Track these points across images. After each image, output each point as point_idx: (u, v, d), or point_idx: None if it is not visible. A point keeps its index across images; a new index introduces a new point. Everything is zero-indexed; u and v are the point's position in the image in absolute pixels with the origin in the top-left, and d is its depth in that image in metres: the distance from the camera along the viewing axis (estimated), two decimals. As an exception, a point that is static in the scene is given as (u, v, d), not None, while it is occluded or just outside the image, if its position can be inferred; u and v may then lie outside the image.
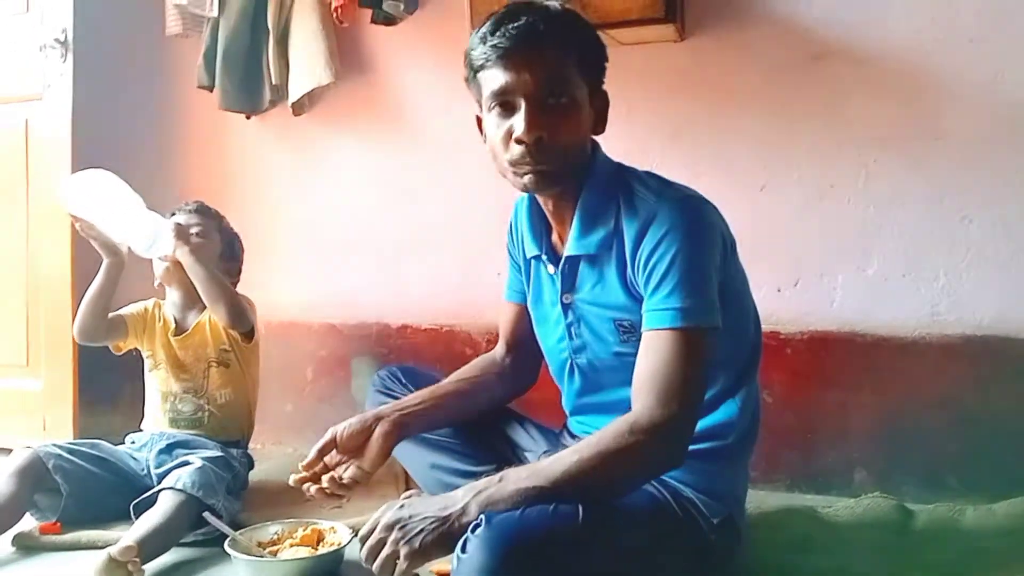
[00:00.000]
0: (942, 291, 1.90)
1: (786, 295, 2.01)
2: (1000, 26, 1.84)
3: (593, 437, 1.19)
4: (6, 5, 2.55)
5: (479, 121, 1.37)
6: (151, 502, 1.66)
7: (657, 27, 1.96)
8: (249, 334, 2.02)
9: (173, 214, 2.06)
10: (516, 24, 1.23)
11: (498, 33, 1.24)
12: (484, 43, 1.26)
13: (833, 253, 1.99)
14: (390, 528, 1.15)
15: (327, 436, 1.42)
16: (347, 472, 1.37)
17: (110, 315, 2.02)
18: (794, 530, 1.61)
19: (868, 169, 1.96)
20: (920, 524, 1.63)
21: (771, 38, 2.01)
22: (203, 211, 2.09)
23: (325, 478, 1.37)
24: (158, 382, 2.03)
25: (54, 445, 1.81)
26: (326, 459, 1.41)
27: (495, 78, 1.25)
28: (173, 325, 2.05)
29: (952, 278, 1.90)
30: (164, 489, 1.67)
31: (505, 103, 1.26)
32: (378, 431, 1.40)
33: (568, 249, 1.36)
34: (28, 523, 1.74)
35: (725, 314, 1.27)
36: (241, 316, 1.96)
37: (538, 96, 1.23)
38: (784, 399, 1.96)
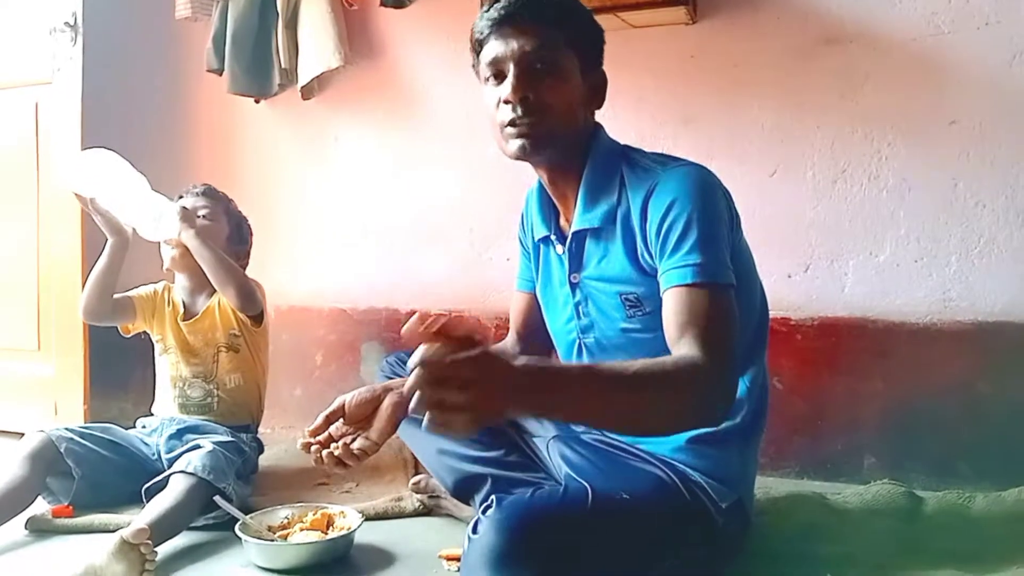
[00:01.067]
0: (954, 277, 1.89)
1: (796, 280, 2.01)
2: (1015, 9, 1.82)
3: (648, 364, 1.09)
4: (15, -12, 2.55)
5: None
6: (162, 486, 1.67)
7: (669, 9, 1.95)
8: (258, 318, 2.02)
9: (180, 197, 2.05)
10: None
11: (494, 7, 1.33)
12: (482, 17, 1.35)
13: (845, 239, 1.98)
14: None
15: (335, 404, 1.41)
16: (356, 443, 1.36)
17: (118, 296, 2.03)
18: (803, 517, 1.61)
19: (881, 154, 1.94)
20: (929, 511, 1.63)
21: (784, 21, 2.00)
22: (210, 194, 2.07)
23: (335, 445, 1.36)
24: (168, 366, 2.03)
25: (66, 429, 1.82)
26: (332, 430, 1.39)
27: (491, 50, 1.33)
28: (182, 310, 2.05)
29: (964, 264, 1.89)
30: (175, 473, 1.68)
31: (499, 72, 1.32)
32: (387, 401, 1.40)
33: (574, 225, 1.38)
34: (40, 506, 1.75)
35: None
36: (251, 298, 1.96)
37: (525, 61, 1.30)
38: (794, 385, 1.96)
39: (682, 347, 1.15)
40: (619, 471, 1.33)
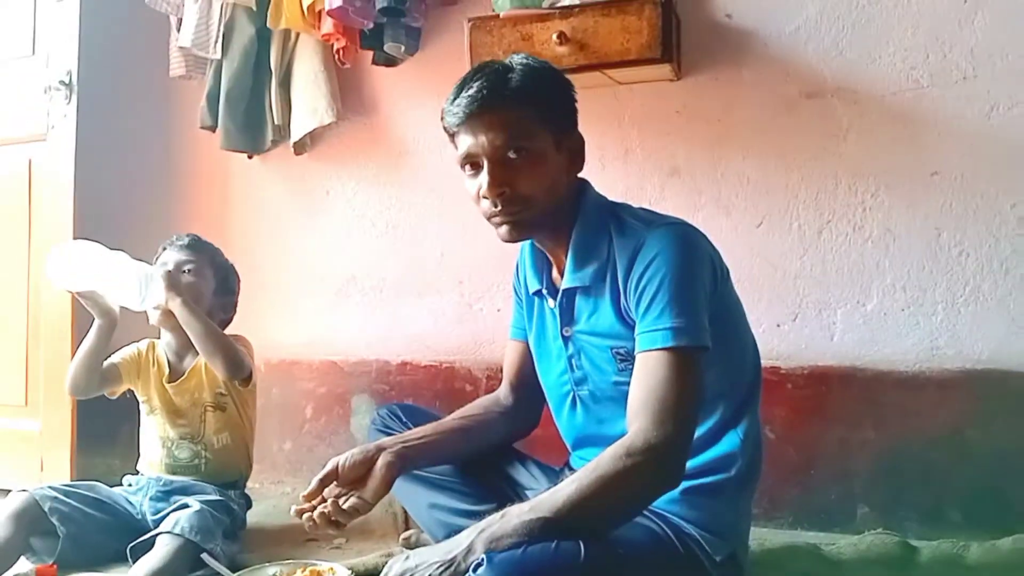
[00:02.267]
0: (941, 326, 1.91)
1: (785, 330, 2.02)
2: (992, 63, 1.87)
3: (591, 464, 1.19)
4: (13, 48, 2.59)
5: None
6: (148, 546, 1.65)
7: (654, 67, 1.99)
8: (247, 379, 2.00)
9: (164, 248, 2.03)
10: (471, 90, 1.31)
11: (458, 100, 1.33)
12: (449, 109, 1.35)
13: (832, 288, 1.99)
14: None
15: (329, 466, 1.41)
16: (348, 502, 1.36)
17: (104, 366, 1.98)
18: (797, 568, 1.60)
19: (865, 205, 1.97)
20: (924, 560, 1.62)
21: (766, 77, 2.04)
22: (195, 246, 2.03)
23: (328, 502, 1.35)
24: (155, 427, 2.00)
25: (50, 487, 1.79)
26: (326, 492, 1.39)
27: (463, 142, 1.35)
28: (167, 370, 2.01)
29: (951, 313, 1.90)
30: (162, 533, 1.66)
31: (474, 163, 1.35)
32: (380, 461, 1.39)
33: (564, 283, 1.39)
34: (24, 566, 1.73)
35: (723, 344, 1.28)
36: (239, 366, 1.92)
37: (497, 155, 1.31)
38: (785, 434, 1.96)
39: (635, 421, 1.20)
40: (612, 524, 1.32)
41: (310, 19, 2.29)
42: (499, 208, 1.31)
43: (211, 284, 2.03)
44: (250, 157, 2.59)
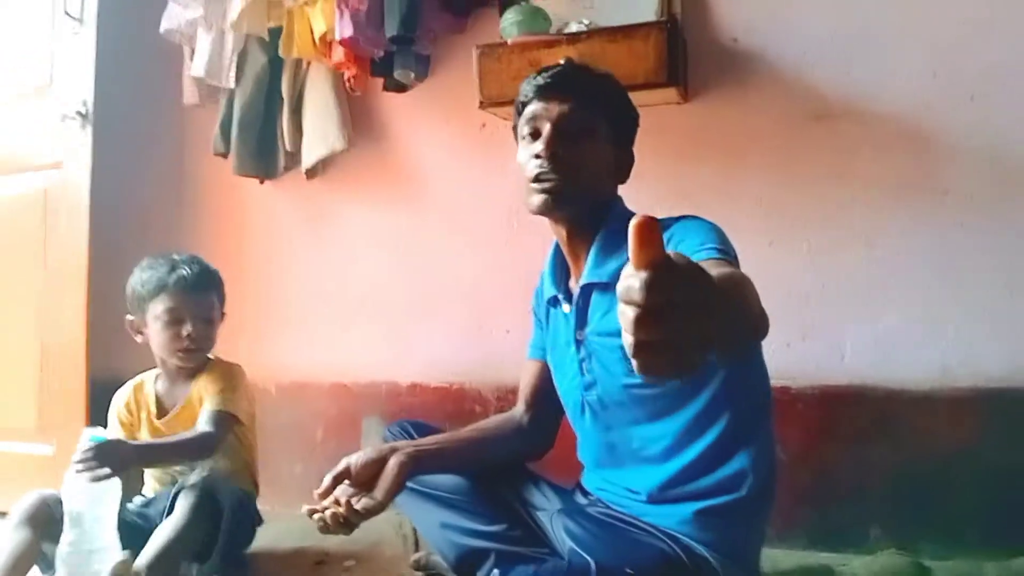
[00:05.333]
0: (952, 345, 1.90)
1: (796, 349, 2.02)
2: (1000, 83, 1.88)
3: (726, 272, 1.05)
4: (31, 78, 2.64)
5: None
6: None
7: (661, 91, 2.01)
8: (231, 424, 1.92)
9: (159, 289, 1.89)
10: (558, 68, 1.43)
11: (542, 75, 1.42)
12: (529, 83, 1.43)
13: (842, 307, 1.99)
14: None
15: (341, 465, 1.40)
16: (360, 503, 1.35)
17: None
18: (811, 589, 1.59)
19: (875, 224, 1.98)
20: (939, 582, 1.61)
21: (773, 99, 2.06)
22: (206, 284, 1.93)
23: (341, 500, 1.34)
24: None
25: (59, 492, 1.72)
26: (337, 491, 1.37)
27: (531, 109, 1.41)
28: (154, 408, 1.96)
29: (962, 332, 1.90)
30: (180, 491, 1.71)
31: (535, 131, 1.40)
32: (393, 461, 1.39)
33: (583, 279, 1.41)
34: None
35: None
36: (211, 448, 1.85)
37: (561, 123, 1.38)
38: (797, 454, 1.95)
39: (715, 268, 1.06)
40: (623, 545, 1.32)
41: (321, 48, 2.33)
42: (547, 168, 1.35)
43: (220, 311, 2.00)
44: (262, 182, 2.62)
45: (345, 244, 2.55)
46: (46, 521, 1.70)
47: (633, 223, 0.63)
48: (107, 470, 1.59)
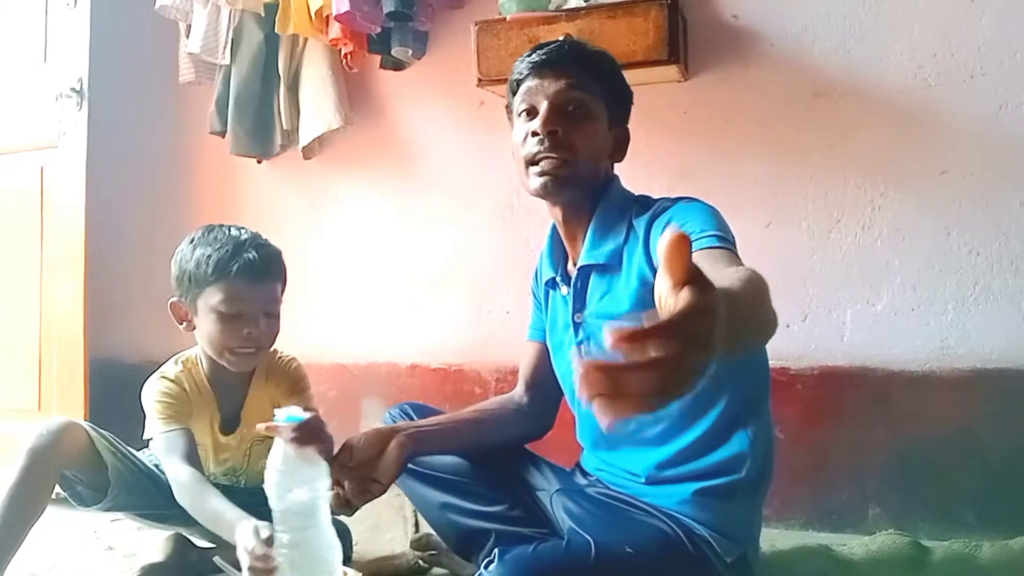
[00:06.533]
0: (951, 325, 1.90)
1: (795, 330, 2.02)
2: (999, 62, 1.87)
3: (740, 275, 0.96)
4: (24, 55, 2.61)
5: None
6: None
7: (661, 68, 2.00)
8: None
9: (216, 273, 1.57)
10: (552, 45, 1.41)
11: (537, 52, 1.40)
12: (523, 60, 1.41)
13: (842, 288, 1.99)
14: None
15: (342, 446, 1.40)
16: (361, 483, 1.35)
17: (165, 435, 1.59)
18: (809, 569, 1.60)
19: (875, 204, 1.97)
20: (936, 561, 1.61)
21: (773, 77, 2.04)
22: (280, 270, 1.67)
23: (343, 482, 1.34)
24: None
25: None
26: (338, 475, 1.35)
27: (526, 86, 1.39)
28: (218, 418, 1.69)
29: (961, 312, 1.90)
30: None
31: (531, 108, 1.38)
32: (394, 443, 1.38)
33: (581, 260, 1.40)
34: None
35: None
36: None
37: (558, 99, 1.36)
38: (796, 435, 1.95)
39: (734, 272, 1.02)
40: (623, 525, 1.32)
41: (318, 24, 2.30)
42: (546, 147, 1.33)
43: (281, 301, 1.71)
44: (259, 162, 2.60)
45: (343, 224, 2.54)
46: (71, 451, 1.53)
47: (666, 239, 0.61)
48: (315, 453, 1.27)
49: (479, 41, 2.07)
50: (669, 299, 0.61)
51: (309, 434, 1.28)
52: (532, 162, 1.36)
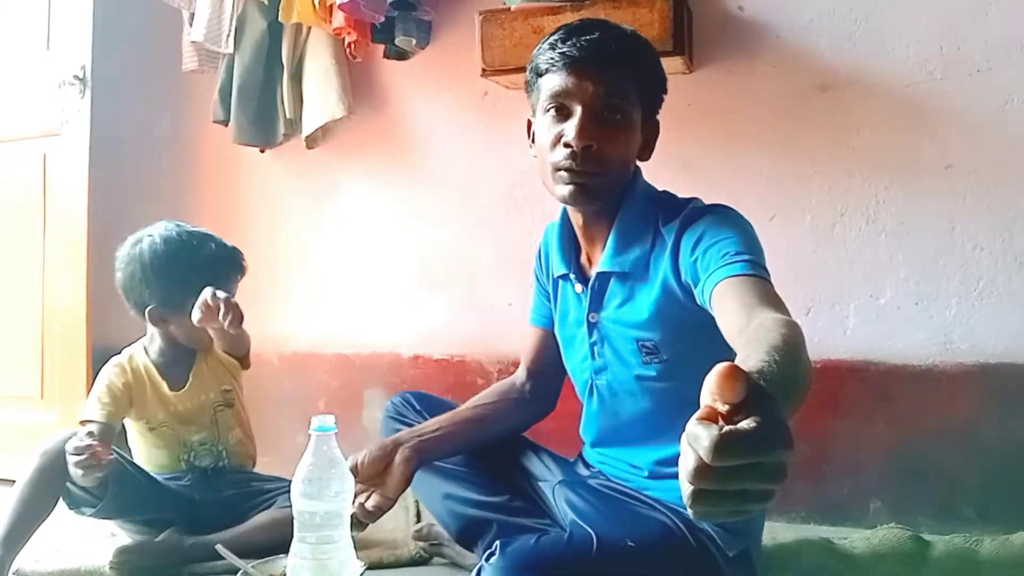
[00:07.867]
0: (955, 320, 1.90)
1: (798, 324, 2.00)
2: (1006, 56, 1.86)
3: (769, 327, 0.99)
4: (27, 42, 2.60)
5: (529, 125, 1.40)
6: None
7: (666, 60, 1.97)
8: (246, 356, 1.96)
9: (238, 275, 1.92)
10: (588, 36, 1.27)
11: (569, 42, 1.27)
12: (553, 49, 1.28)
13: (845, 282, 1.99)
14: None
15: (347, 464, 1.41)
16: (370, 501, 1.36)
17: (99, 427, 1.74)
18: (810, 562, 1.60)
19: (879, 198, 1.96)
20: (937, 555, 1.61)
21: (778, 70, 2.03)
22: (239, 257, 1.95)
23: (353, 504, 1.34)
24: (163, 441, 1.88)
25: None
26: None
27: (557, 82, 1.28)
28: (163, 380, 1.88)
29: (965, 307, 1.89)
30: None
31: (561, 107, 1.28)
32: (399, 458, 1.39)
33: (601, 265, 1.37)
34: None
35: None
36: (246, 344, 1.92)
37: (595, 106, 1.26)
38: (798, 428, 1.91)
39: (763, 313, 1.03)
40: (625, 518, 1.33)
41: (321, 13, 2.29)
42: (577, 161, 1.26)
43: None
44: (262, 151, 2.59)
45: (346, 214, 2.54)
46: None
47: (718, 373, 0.59)
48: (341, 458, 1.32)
49: (483, 31, 2.06)
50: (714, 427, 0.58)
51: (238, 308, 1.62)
52: (560, 168, 1.29)
